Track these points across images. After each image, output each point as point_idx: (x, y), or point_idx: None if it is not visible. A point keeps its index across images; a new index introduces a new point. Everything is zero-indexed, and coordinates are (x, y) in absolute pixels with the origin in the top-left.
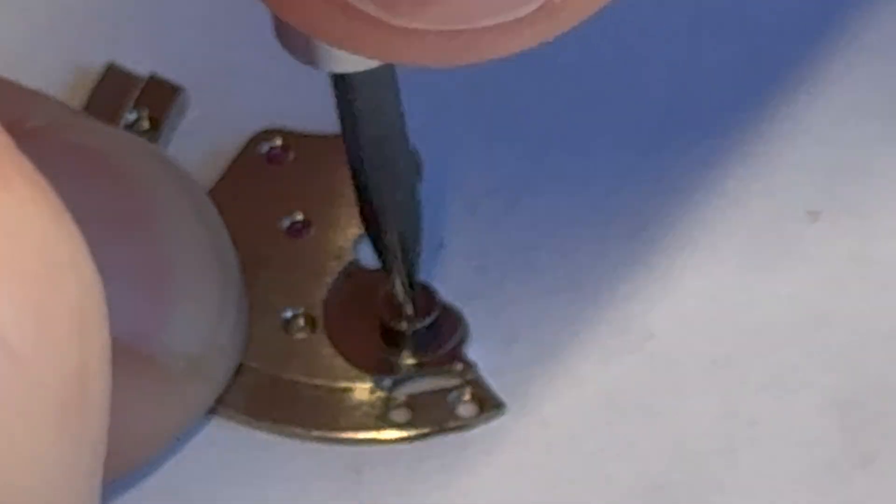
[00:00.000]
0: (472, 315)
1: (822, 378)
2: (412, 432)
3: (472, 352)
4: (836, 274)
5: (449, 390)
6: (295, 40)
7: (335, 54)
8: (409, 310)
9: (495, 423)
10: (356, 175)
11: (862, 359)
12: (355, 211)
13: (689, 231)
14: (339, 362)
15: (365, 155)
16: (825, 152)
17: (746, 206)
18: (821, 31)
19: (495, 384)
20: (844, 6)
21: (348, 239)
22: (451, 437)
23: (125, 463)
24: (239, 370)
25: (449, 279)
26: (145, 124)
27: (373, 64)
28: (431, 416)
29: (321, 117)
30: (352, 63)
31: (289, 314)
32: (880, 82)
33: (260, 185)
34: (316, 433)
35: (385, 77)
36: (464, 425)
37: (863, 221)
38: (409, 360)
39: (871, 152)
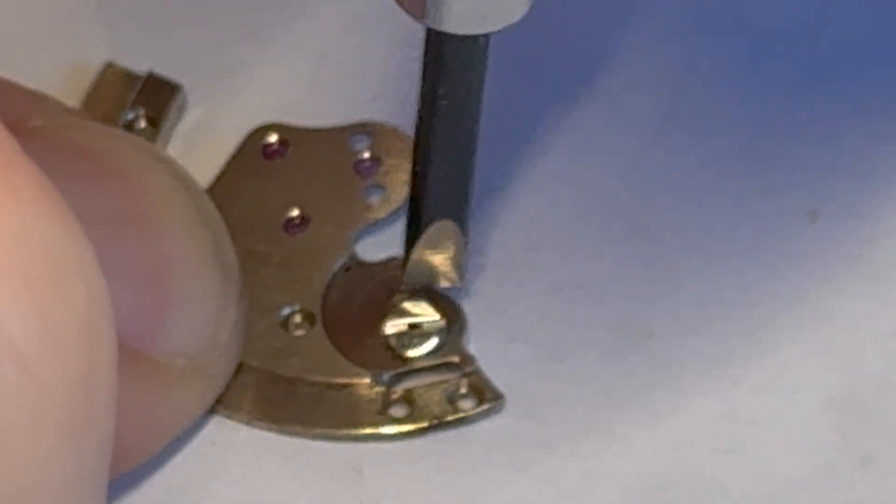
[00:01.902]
0: (473, 314)
1: (821, 378)
2: (412, 426)
3: (472, 350)
4: (836, 274)
5: (448, 383)
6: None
7: (448, 13)
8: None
9: (495, 423)
10: (419, 136)
11: (862, 359)
12: (354, 205)
13: (689, 231)
14: (338, 358)
15: (437, 120)
16: (825, 152)
17: (746, 206)
18: (821, 31)
19: (495, 383)
20: (844, 6)
21: (347, 234)
22: (452, 437)
23: (125, 462)
24: (239, 369)
25: None
26: (143, 123)
27: (479, 29)
28: (431, 410)
29: (319, 113)
30: (460, 24)
31: (287, 311)
32: (880, 82)
33: (258, 181)
34: (316, 430)
35: (480, 48)
36: (464, 417)
37: (863, 221)
38: (408, 354)
39: (871, 152)
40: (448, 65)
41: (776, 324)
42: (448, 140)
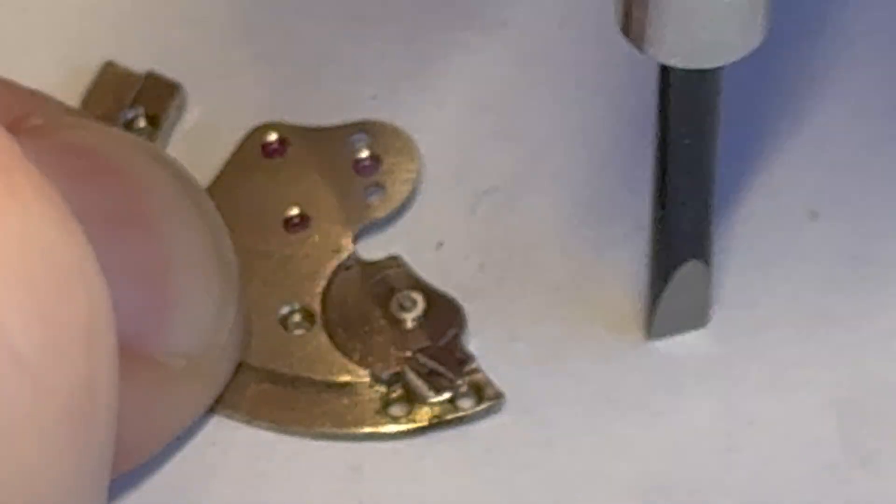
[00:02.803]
0: (473, 314)
1: (821, 378)
2: (412, 425)
3: (472, 350)
4: (836, 273)
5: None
6: (640, 31)
7: (675, 46)
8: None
9: (495, 422)
10: (658, 177)
11: (862, 359)
12: (353, 204)
13: None
14: (338, 357)
15: (672, 159)
16: (825, 152)
17: (746, 205)
18: (821, 31)
19: (495, 382)
20: (844, 6)
21: (347, 233)
22: (451, 436)
23: (125, 462)
24: (238, 368)
25: (449, 278)
26: (143, 122)
27: (713, 63)
28: (431, 409)
29: (319, 112)
30: (688, 58)
31: (287, 310)
32: (880, 82)
33: (258, 180)
34: (316, 430)
35: (715, 80)
36: (463, 416)
37: (863, 221)
38: (408, 353)
39: (871, 152)
40: (680, 101)
41: (776, 323)
42: (687, 178)
